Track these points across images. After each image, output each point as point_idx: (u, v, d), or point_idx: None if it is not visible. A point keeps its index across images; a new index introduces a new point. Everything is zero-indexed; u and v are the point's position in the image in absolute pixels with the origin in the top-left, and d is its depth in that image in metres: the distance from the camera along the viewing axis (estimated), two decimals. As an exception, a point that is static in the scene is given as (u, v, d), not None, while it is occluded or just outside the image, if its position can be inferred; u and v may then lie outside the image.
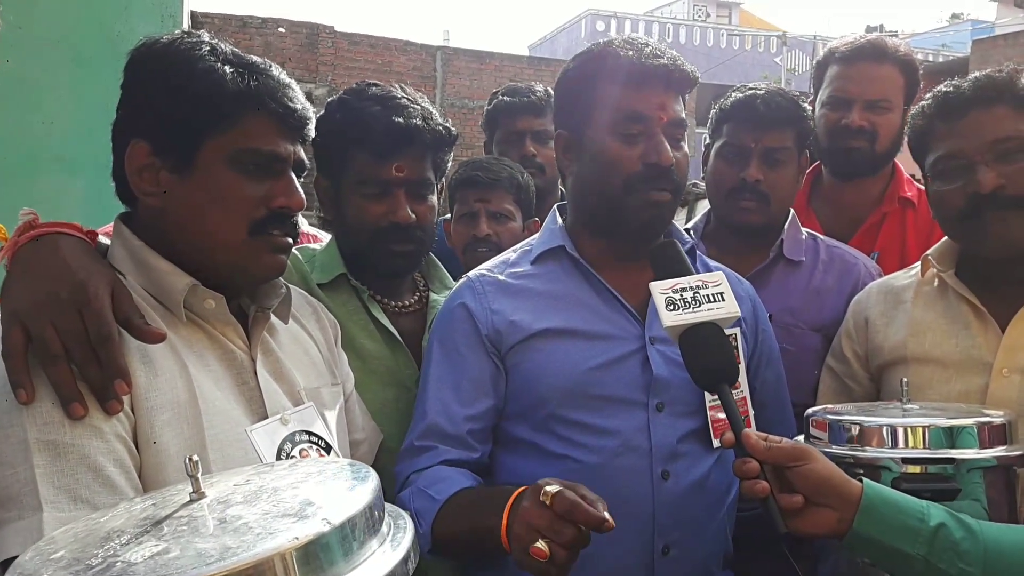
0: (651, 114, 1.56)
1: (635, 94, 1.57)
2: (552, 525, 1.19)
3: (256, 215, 1.28)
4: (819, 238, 2.21)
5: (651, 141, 1.56)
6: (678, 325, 1.34)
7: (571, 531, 1.19)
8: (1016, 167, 1.57)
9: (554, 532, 1.19)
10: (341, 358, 1.60)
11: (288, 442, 1.28)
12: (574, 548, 1.19)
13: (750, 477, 1.24)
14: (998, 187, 1.57)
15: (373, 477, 0.78)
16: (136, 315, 1.17)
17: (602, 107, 1.60)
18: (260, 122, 1.28)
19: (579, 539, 1.19)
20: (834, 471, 1.25)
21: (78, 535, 0.77)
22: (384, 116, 1.72)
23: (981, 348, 1.63)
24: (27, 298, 1.14)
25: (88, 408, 1.10)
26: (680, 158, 1.59)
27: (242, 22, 15.35)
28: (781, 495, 1.23)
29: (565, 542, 1.18)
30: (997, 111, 1.60)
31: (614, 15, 31.29)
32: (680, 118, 1.61)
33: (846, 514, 1.22)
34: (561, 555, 1.18)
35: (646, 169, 1.56)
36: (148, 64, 1.28)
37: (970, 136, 1.61)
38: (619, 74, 1.58)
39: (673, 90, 1.60)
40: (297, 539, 0.65)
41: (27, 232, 1.23)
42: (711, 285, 1.37)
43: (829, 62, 2.42)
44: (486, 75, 16.88)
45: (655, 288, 1.38)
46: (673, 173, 1.58)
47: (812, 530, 1.23)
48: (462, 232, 2.30)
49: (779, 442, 1.26)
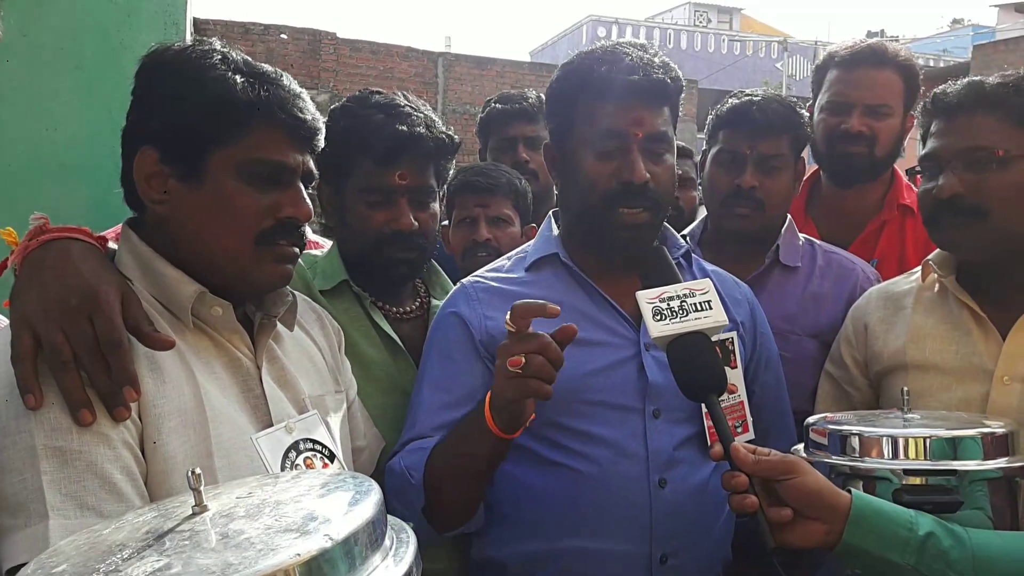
0: (625, 130, 1.55)
1: (610, 110, 1.56)
2: (522, 338, 1.31)
3: (264, 225, 1.28)
4: (816, 244, 2.20)
5: (625, 158, 1.55)
6: (665, 335, 1.34)
7: (539, 338, 1.30)
8: (980, 177, 1.58)
9: (524, 343, 1.30)
10: (345, 365, 1.61)
11: (293, 450, 1.28)
12: (545, 353, 1.29)
13: (739, 491, 1.24)
14: (956, 195, 1.57)
15: (376, 491, 0.78)
16: (146, 322, 1.17)
17: (580, 122, 1.60)
18: (270, 132, 1.28)
19: (546, 344, 1.30)
20: (823, 483, 1.25)
21: (80, 548, 0.77)
22: (388, 124, 1.72)
23: (982, 355, 1.63)
24: (37, 304, 1.14)
25: (96, 415, 1.10)
26: (660, 172, 1.58)
27: (244, 29, 15.35)
28: (770, 508, 1.23)
29: (535, 348, 1.29)
30: (979, 119, 1.60)
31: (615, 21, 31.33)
32: (660, 131, 1.59)
33: (835, 526, 1.22)
34: (535, 360, 1.29)
35: (620, 187, 1.55)
36: (159, 71, 1.28)
37: (947, 140, 1.62)
38: (595, 89, 1.57)
39: (651, 103, 1.58)
40: (299, 555, 0.65)
41: (38, 236, 1.23)
42: (698, 293, 1.37)
43: (829, 66, 2.41)
44: (487, 81, 16.88)
45: (642, 298, 1.38)
46: (649, 189, 1.56)
47: (802, 543, 1.23)
48: (461, 237, 2.30)
49: (767, 455, 1.26)
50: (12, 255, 1.25)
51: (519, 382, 1.29)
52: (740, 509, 1.24)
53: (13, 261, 1.24)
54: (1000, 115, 1.59)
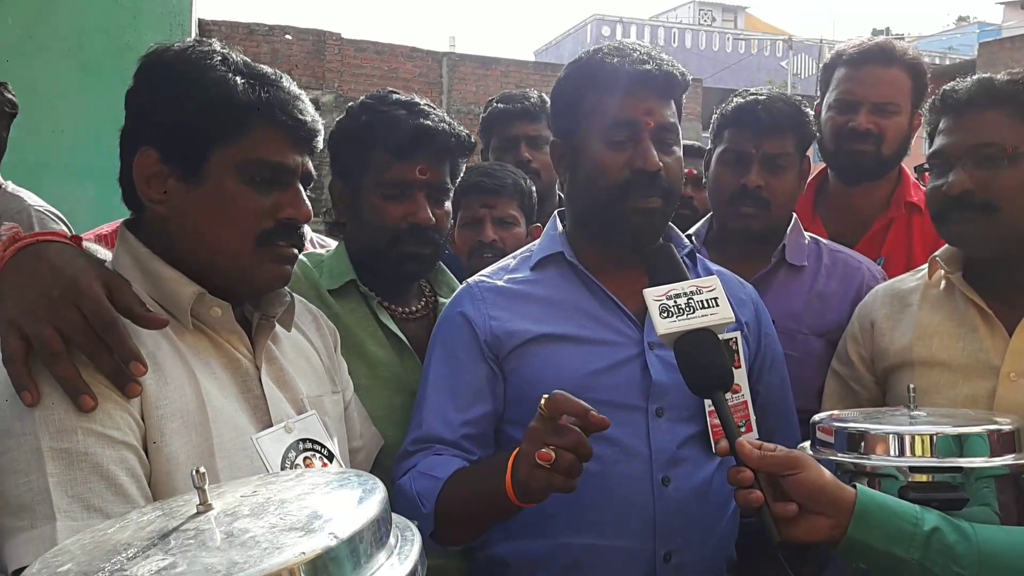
0: (637, 120, 1.56)
1: (621, 100, 1.57)
2: (557, 429, 1.27)
3: (263, 226, 1.28)
4: (822, 242, 2.20)
5: (638, 147, 1.56)
6: (672, 332, 1.34)
7: (574, 435, 1.26)
8: (991, 173, 1.58)
9: (558, 436, 1.26)
10: (341, 366, 1.61)
11: (292, 450, 1.28)
12: (577, 452, 1.25)
13: (744, 486, 1.24)
14: (966, 191, 1.58)
15: (380, 489, 0.78)
16: (136, 303, 1.17)
17: (591, 115, 1.60)
18: (270, 133, 1.28)
19: (580, 442, 1.26)
20: (828, 479, 1.25)
21: (85, 547, 0.77)
22: (409, 118, 1.74)
23: (989, 352, 1.62)
24: (20, 305, 1.14)
25: (98, 401, 1.10)
26: (671, 163, 1.59)
27: (249, 29, 15.41)
28: (775, 503, 1.23)
29: (568, 444, 1.25)
30: (989, 115, 1.60)
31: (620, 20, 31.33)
32: (670, 122, 1.60)
33: (840, 521, 1.22)
34: (565, 457, 1.25)
35: (634, 176, 1.56)
36: (159, 72, 1.28)
37: (957, 136, 1.62)
38: (605, 81, 1.58)
39: (661, 94, 1.59)
40: (304, 554, 0.65)
41: (12, 246, 1.23)
42: (705, 291, 1.37)
43: (836, 64, 2.41)
44: (492, 81, 16.92)
45: (649, 295, 1.38)
46: (662, 179, 1.57)
47: (807, 538, 1.23)
48: (467, 237, 2.30)
49: (773, 451, 1.26)
50: None
51: (546, 475, 1.27)
52: (745, 504, 1.23)
53: None
54: (1010, 111, 1.59)
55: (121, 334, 1.13)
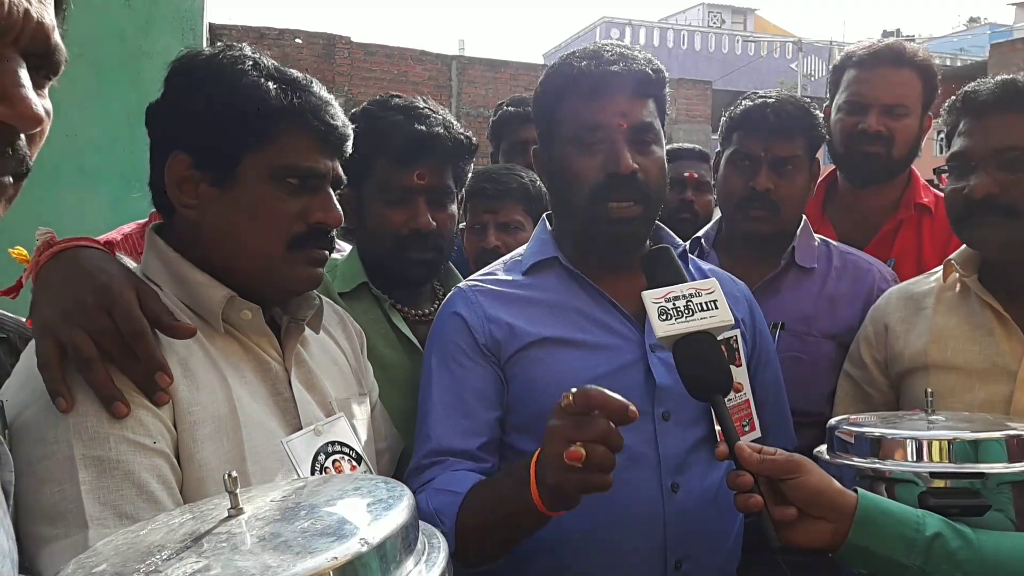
0: (609, 121, 1.53)
1: (592, 103, 1.55)
2: (580, 423, 1.17)
3: (296, 230, 1.29)
4: (832, 244, 2.19)
5: (611, 149, 1.53)
6: (671, 335, 1.33)
7: (601, 424, 1.16)
8: (1015, 177, 1.57)
9: (584, 430, 1.17)
10: (367, 368, 1.61)
11: (322, 453, 1.29)
12: (608, 444, 1.17)
13: (744, 490, 1.23)
14: (990, 195, 1.57)
15: (408, 495, 0.79)
16: (165, 313, 1.18)
17: (564, 120, 1.58)
18: (301, 138, 1.29)
19: (611, 434, 1.17)
20: (828, 483, 1.24)
21: (119, 548, 0.77)
22: (406, 124, 1.75)
23: (1005, 355, 1.62)
24: (54, 310, 1.15)
25: (130, 407, 1.11)
26: (648, 163, 1.55)
27: (259, 34, 15.44)
28: (775, 507, 1.22)
29: (597, 437, 1.16)
30: (1012, 118, 1.59)
31: (628, 22, 31.32)
32: (645, 122, 1.56)
33: (841, 526, 1.21)
34: (597, 451, 1.16)
35: (608, 179, 1.53)
36: (191, 76, 1.29)
37: (979, 139, 1.61)
38: (575, 86, 1.56)
39: (635, 94, 1.56)
40: (336, 559, 0.66)
41: (47, 250, 1.25)
42: (704, 293, 1.35)
43: (846, 66, 2.40)
44: (501, 84, 16.92)
45: (647, 297, 1.37)
46: (638, 180, 1.53)
47: (807, 543, 1.22)
48: (473, 243, 2.31)
49: (773, 454, 1.25)
50: (25, 272, 1.27)
51: (579, 475, 1.18)
52: (744, 508, 1.23)
53: (27, 277, 1.26)
54: None
55: (148, 344, 1.14)
